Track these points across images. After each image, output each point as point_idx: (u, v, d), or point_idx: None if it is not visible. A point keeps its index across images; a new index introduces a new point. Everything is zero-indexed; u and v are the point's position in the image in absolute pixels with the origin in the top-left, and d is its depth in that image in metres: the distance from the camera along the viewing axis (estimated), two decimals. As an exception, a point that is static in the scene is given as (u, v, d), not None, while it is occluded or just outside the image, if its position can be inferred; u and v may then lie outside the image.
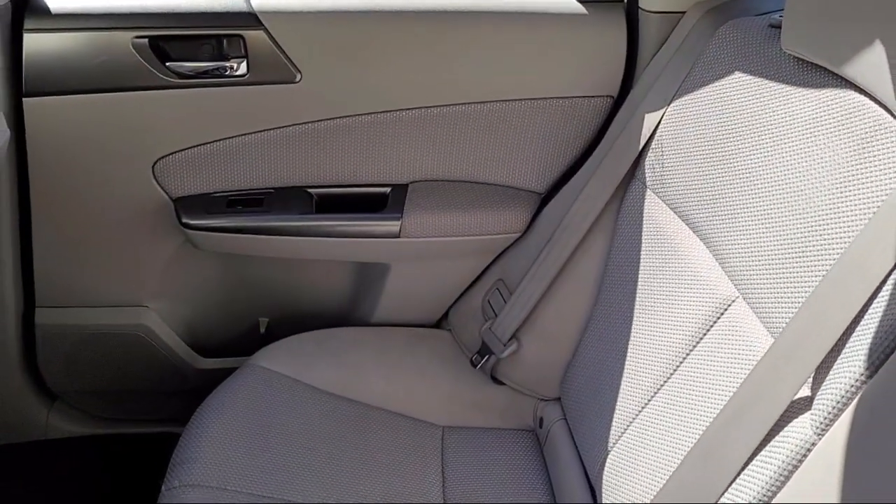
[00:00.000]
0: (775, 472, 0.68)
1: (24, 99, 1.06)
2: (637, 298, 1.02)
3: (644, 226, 1.05)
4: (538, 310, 1.15)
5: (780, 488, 0.67)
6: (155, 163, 1.14)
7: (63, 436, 1.33)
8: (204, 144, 1.14)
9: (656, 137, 1.06)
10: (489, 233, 1.21)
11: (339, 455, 1.05)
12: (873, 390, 0.62)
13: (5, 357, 1.24)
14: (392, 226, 1.18)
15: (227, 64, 1.09)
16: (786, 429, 0.70)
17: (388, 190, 1.21)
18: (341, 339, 1.25)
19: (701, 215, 0.95)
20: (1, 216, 1.12)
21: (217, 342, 1.33)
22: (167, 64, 1.08)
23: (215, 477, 0.96)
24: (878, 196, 0.71)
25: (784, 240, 0.80)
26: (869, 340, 0.64)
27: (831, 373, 0.67)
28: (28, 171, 1.12)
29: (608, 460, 0.97)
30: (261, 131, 1.14)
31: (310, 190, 1.19)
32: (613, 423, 0.98)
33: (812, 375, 0.70)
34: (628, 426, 0.95)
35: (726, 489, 0.73)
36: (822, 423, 0.66)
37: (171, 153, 1.13)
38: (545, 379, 1.16)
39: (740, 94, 0.94)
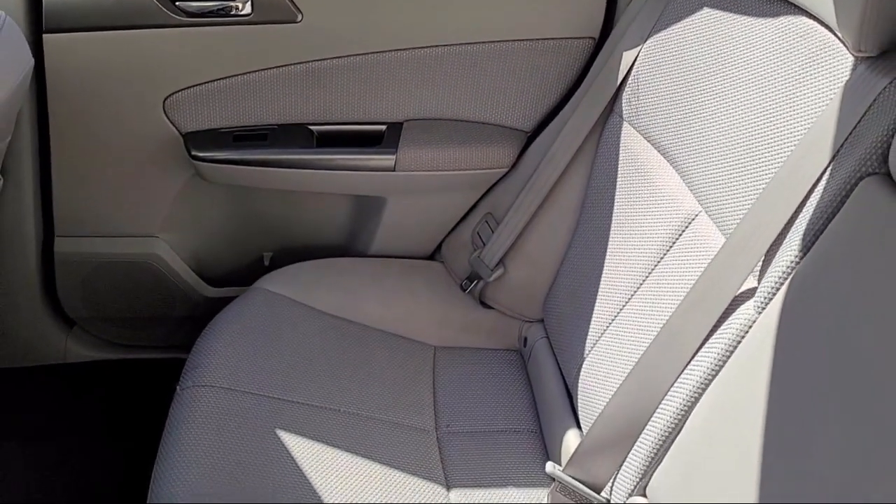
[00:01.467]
0: (723, 349, 0.77)
1: (43, 35, 1.14)
2: (613, 221, 1.11)
3: (620, 155, 1.13)
4: (523, 237, 1.24)
5: (726, 360, 0.76)
6: (165, 99, 1.21)
7: (81, 360, 1.42)
8: (211, 82, 1.21)
9: (633, 73, 1.14)
10: (478, 167, 1.29)
11: (339, 366, 1.14)
12: (802, 269, 0.71)
13: (27, 284, 1.33)
14: (387, 160, 1.26)
15: (233, 3, 1.17)
16: (734, 313, 0.79)
17: (383, 128, 1.29)
18: (340, 267, 1.34)
19: (670, 141, 1.03)
20: (22, 148, 1.20)
21: (224, 273, 1.42)
22: (177, 3, 1.16)
23: (225, 379, 1.05)
24: (818, 107, 0.79)
25: (740, 155, 0.89)
26: (803, 229, 0.73)
27: (773, 261, 0.76)
28: (48, 106, 1.20)
29: (584, 367, 1.06)
30: (264, 69, 1.21)
31: (311, 127, 1.27)
32: (589, 334, 1.07)
33: (759, 266, 0.79)
34: (602, 334, 1.04)
35: (684, 368, 0.82)
36: (762, 302, 0.75)
37: (180, 90, 1.21)
38: (529, 301, 1.25)
39: (707, 27, 1.02)
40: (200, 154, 1.23)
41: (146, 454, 1.01)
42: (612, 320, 1.04)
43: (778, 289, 0.73)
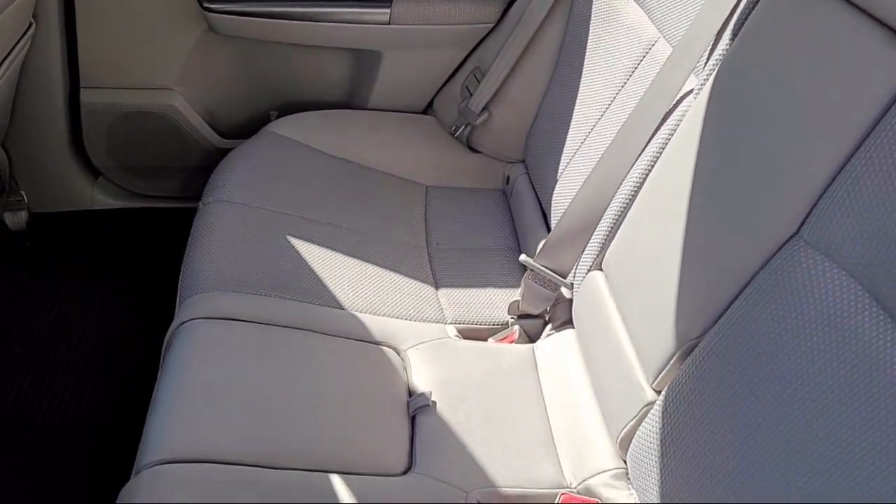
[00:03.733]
0: (666, 136, 0.92)
1: None
2: (585, 61, 1.24)
3: (594, 3, 1.25)
4: (506, 84, 1.37)
5: (666, 145, 0.90)
6: (179, -46, 1.32)
7: (106, 208, 1.56)
8: (219, -62, 1.32)
9: (607, -74, 1.25)
10: (466, 22, 1.41)
11: (341, 193, 1.29)
12: (729, 55, 0.84)
13: (55, 134, 1.45)
14: (383, 14, 1.38)
15: None
16: (677, 109, 0.93)
17: (379, -15, 1.40)
18: (341, 117, 1.47)
19: (636, -20, 1.15)
20: (48, 3, 1.31)
21: (234, 126, 1.54)
22: None
23: (241, 196, 1.20)
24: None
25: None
26: (733, 23, 0.86)
27: (709, 61, 0.89)
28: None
29: (557, 187, 1.20)
30: (269, -74, 1.32)
31: (313, -16, 1.39)
32: (562, 160, 1.22)
33: (701, 65, 0.92)
34: (573, 156, 1.19)
35: (636, 160, 0.96)
36: (698, 91, 0.88)
37: (192, -55, 1.32)
38: (512, 143, 1.39)
39: None
40: (212, 6, 1.35)
41: (165, 292, 1.13)
42: (582, 143, 1.18)
43: (710, 76, 0.86)
